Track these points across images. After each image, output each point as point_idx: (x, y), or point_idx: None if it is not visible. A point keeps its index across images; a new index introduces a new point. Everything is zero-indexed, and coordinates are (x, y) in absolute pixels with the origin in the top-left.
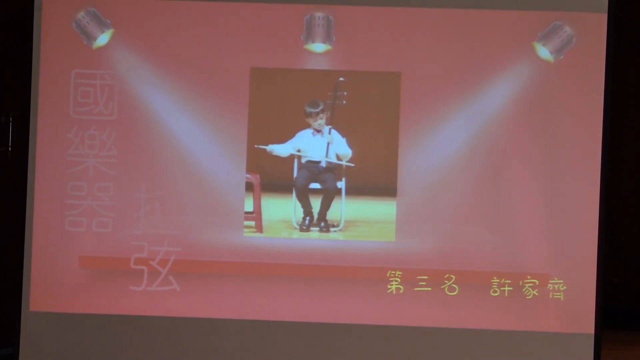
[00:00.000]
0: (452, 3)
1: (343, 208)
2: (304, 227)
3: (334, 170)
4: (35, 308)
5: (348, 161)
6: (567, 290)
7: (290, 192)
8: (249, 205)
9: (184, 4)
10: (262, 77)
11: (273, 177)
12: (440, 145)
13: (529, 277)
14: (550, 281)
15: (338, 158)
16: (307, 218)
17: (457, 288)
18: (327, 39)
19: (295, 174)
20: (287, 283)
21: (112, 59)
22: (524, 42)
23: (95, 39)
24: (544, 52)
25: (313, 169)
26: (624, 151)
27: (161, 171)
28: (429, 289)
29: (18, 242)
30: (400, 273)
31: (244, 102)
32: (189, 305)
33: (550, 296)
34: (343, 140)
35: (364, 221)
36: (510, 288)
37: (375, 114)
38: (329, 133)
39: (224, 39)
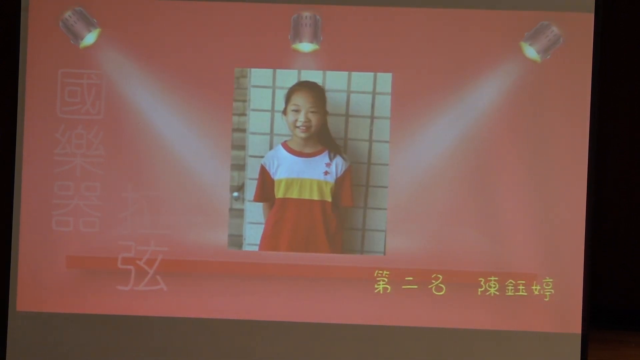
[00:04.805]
0: (439, 3)
1: None
2: None
3: None
4: (22, 308)
5: None
6: (554, 290)
7: None
8: None
9: (170, 4)
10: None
11: None
12: (428, 145)
13: (516, 276)
14: (538, 281)
15: None
16: None
17: (444, 288)
18: (314, 38)
19: None
20: (274, 283)
21: (99, 59)
22: (511, 42)
23: (82, 39)
24: (531, 51)
25: None
26: (611, 150)
27: (148, 170)
28: (416, 286)
29: (5, 241)
30: (388, 273)
31: (231, 102)
32: (177, 305)
33: (538, 295)
34: None
35: None
36: (498, 287)
37: None
38: None
39: (211, 39)
